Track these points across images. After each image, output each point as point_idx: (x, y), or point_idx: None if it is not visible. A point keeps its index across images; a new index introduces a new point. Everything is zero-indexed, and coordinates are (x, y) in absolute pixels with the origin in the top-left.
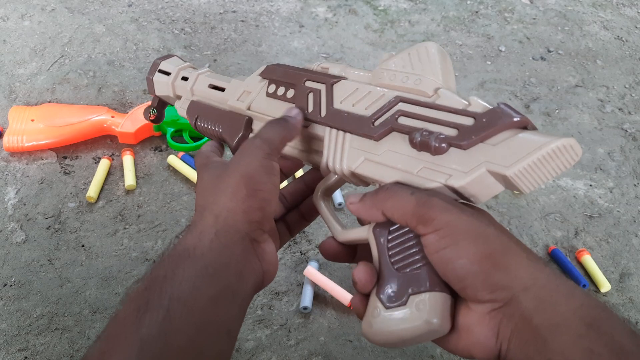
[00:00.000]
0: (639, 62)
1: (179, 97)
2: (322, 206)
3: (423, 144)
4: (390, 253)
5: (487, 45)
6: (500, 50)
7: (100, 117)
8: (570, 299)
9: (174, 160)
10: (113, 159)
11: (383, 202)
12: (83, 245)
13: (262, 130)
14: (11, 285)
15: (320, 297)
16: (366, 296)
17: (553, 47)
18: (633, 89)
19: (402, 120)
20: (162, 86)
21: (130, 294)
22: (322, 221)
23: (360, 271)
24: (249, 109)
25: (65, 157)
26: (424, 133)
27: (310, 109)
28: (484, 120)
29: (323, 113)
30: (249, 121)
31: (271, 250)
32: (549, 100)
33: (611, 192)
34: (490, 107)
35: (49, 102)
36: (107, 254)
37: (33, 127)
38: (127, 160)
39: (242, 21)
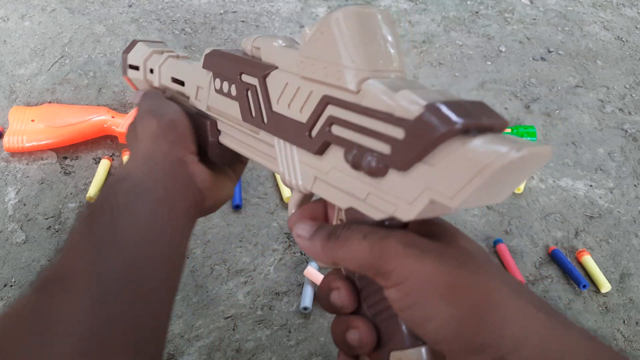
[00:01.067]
0: (639, 63)
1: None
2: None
3: (356, 164)
4: (363, 296)
5: (487, 46)
6: (501, 51)
7: (101, 118)
8: (572, 355)
9: None
10: (113, 160)
11: (334, 252)
12: None
13: (140, 101)
14: (11, 286)
15: None
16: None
17: (553, 47)
18: (633, 89)
19: (335, 130)
20: (140, 83)
21: (80, 215)
22: None
23: (364, 333)
24: (209, 109)
25: (65, 158)
26: (357, 151)
27: (254, 112)
28: (415, 131)
29: (265, 118)
30: (214, 123)
31: (202, 171)
32: (549, 100)
33: (611, 192)
34: (421, 109)
35: (49, 102)
36: None
37: (33, 127)
38: None
39: (243, 21)
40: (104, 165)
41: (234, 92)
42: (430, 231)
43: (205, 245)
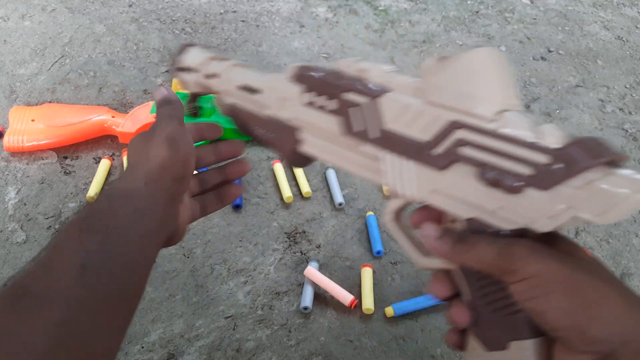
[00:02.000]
0: (639, 62)
1: (217, 93)
2: (396, 230)
3: (495, 182)
4: (483, 292)
5: (487, 45)
6: (501, 50)
7: (101, 117)
8: None
9: None
10: (114, 159)
11: (461, 255)
12: None
13: (163, 109)
14: None
15: (321, 297)
16: (461, 332)
17: (553, 47)
18: (634, 89)
19: (464, 151)
20: (192, 85)
21: (71, 221)
22: (322, 221)
23: (457, 313)
24: (289, 119)
25: (65, 157)
26: (495, 170)
27: (356, 127)
28: (563, 159)
29: (373, 134)
30: (293, 131)
31: (183, 212)
32: (549, 100)
33: None
34: (566, 141)
35: (50, 102)
36: None
37: (33, 127)
38: None
39: (243, 21)
40: (104, 165)
41: (332, 106)
42: (549, 242)
43: (206, 245)
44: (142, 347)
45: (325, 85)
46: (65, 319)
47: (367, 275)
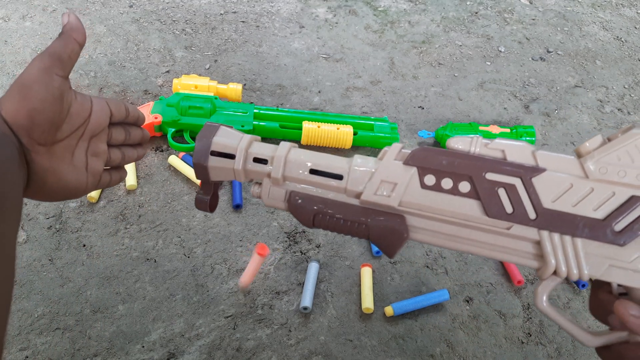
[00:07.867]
0: (638, 63)
1: (251, 181)
2: (556, 313)
3: None
4: None
5: (486, 46)
6: (500, 51)
7: None
8: None
9: (174, 160)
10: None
11: None
12: (84, 245)
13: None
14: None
15: (321, 296)
16: None
17: (552, 47)
18: (632, 90)
19: None
20: (223, 172)
21: None
22: None
23: None
24: (400, 205)
25: None
26: None
27: (509, 209)
28: None
29: (532, 215)
30: (404, 219)
31: (44, 164)
32: (548, 100)
33: None
34: None
35: None
36: (108, 254)
37: None
38: None
39: (243, 22)
40: None
41: (464, 188)
42: None
43: (206, 244)
44: (143, 347)
45: (455, 166)
46: None
47: (366, 274)
